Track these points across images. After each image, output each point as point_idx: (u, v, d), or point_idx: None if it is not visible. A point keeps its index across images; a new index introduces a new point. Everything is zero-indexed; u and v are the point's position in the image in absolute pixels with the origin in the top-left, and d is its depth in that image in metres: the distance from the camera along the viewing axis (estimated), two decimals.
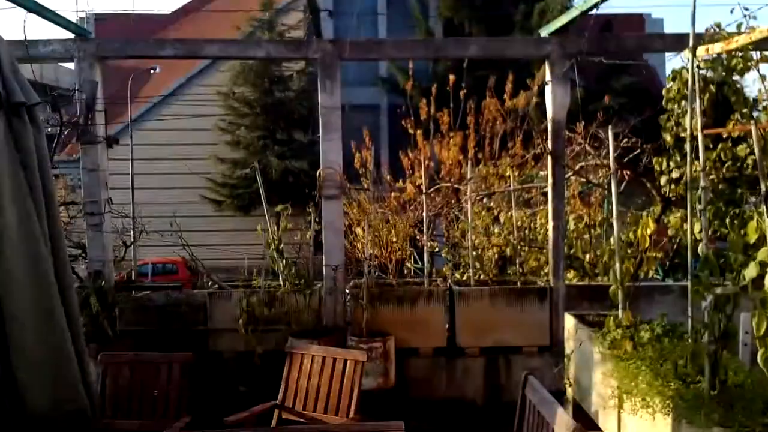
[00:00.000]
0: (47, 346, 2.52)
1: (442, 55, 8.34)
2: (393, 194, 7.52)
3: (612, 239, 3.91)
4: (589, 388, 3.75)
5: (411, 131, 7.96)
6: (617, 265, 3.80)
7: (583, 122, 7.34)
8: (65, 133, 6.62)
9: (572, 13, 6.09)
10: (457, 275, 6.27)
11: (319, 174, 5.67)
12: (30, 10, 5.22)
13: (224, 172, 17.61)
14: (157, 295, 5.71)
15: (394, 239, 6.11)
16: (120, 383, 3.61)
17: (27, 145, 2.54)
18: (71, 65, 5.96)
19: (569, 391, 4.20)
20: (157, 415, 3.51)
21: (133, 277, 6.47)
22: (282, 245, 5.72)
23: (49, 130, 6.23)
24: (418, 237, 6.74)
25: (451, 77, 8.38)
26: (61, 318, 2.56)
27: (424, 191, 6.30)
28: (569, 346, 4.22)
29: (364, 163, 7.89)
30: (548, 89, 5.89)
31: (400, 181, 7.86)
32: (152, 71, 19.65)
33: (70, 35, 5.82)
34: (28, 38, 5.47)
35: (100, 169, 5.70)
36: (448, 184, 7.22)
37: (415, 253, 7.07)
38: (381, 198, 7.48)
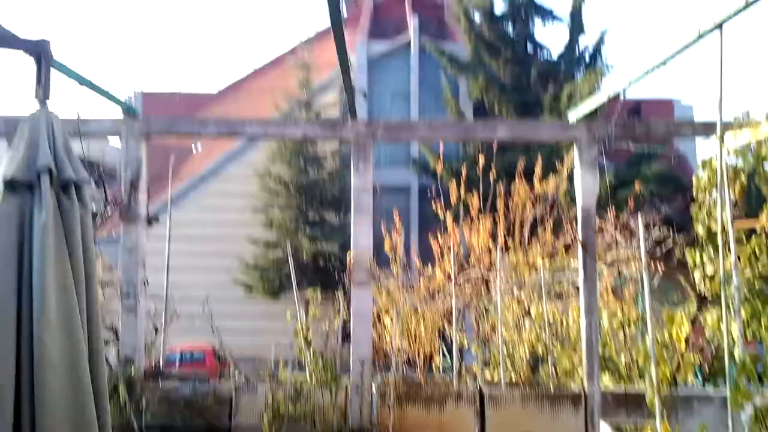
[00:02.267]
0: None
1: (471, 137, 8.51)
2: (422, 281, 7.48)
3: (647, 340, 3.79)
4: None
5: (441, 214, 8.01)
6: (653, 369, 3.66)
7: (613, 209, 7.27)
8: (108, 210, 6.84)
9: (599, 99, 6.15)
10: (488, 374, 6.10)
11: (349, 257, 5.68)
12: (82, 84, 5.46)
13: (256, 253, 17.78)
14: (184, 385, 5.68)
15: (423, 331, 6.03)
16: None
17: (73, 224, 2.55)
18: (117, 142, 6.14)
19: None
20: None
21: (161, 365, 6.52)
22: (310, 334, 5.71)
23: (93, 207, 6.45)
24: (447, 329, 6.65)
25: (481, 158, 8.49)
26: (91, 411, 2.51)
27: (453, 280, 6.26)
28: None
29: (394, 247, 7.90)
30: (577, 175, 5.87)
31: (429, 266, 7.84)
32: (194, 149, 20.45)
33: (119, 113, 6.05)
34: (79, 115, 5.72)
35: (138, 248, 5.80)
36: (478, 274, 7.16)
37: (444, 347, 6.94)
38: (410, 285, 7.45)
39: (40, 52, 2.70)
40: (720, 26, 4.43)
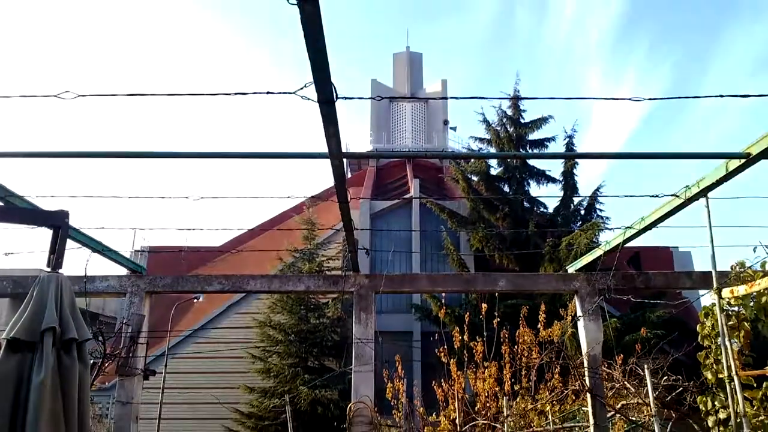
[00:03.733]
0: None
1: (472, 289, 8.75)
2: (426, 429, 7.17)
3: None
4: None
5: (444, 360, 7.87)
6: None
7: (621, 355, 7.15)
8: (106, 364, 6.75)
9: (596, 253, 6.37)
10: None
11: (350, 408, 5.55)
12: (95, 251, 5.75)
13: (252, 403, 17.05)
14: None
15: None
16: None
17: (71, 381, 2.61)
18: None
19: None
20: None
21: None
22: None
23: (91, 361, 6.34)
24: None
25: (484, 306, 8.51)
26: None
27: (458, 429, 6.02)
28: None
29: (397, 394, 7.69)
30: (580, 324, 5.94)
31: (434, 414, 7.55)
32: (195, 300, 20.49)
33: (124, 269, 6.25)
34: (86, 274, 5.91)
35: (133, 401, 5.71)
36: (485, 421, 6.89)
37: None
38: None
39: (59, 224, 2.86)
40: (705, 194, 4.77)
